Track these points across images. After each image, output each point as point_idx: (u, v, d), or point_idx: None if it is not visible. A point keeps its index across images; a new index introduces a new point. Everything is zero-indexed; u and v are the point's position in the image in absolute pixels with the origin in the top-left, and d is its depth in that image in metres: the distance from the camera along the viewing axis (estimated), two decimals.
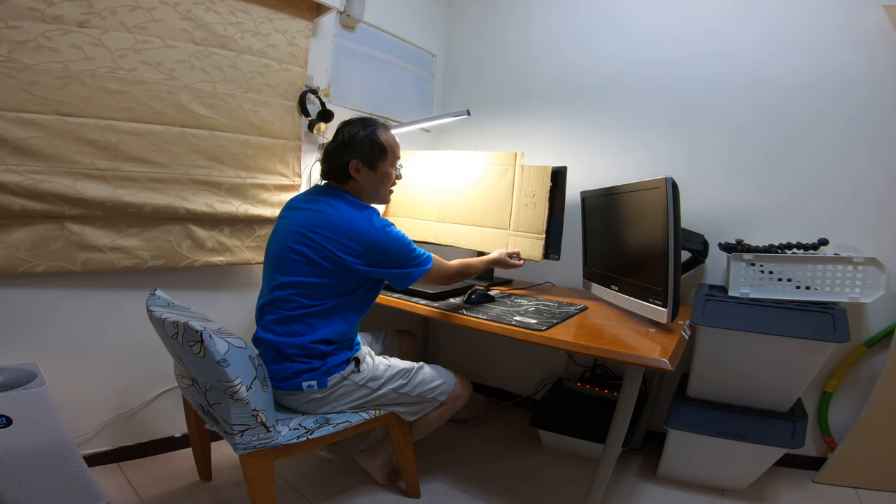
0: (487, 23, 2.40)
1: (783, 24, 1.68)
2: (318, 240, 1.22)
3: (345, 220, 1.24)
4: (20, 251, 1.33)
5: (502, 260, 1.64)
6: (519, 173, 1.82)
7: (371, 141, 1.31)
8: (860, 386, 1.63)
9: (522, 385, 2.26)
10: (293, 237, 1.25)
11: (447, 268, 1.43)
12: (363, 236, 1.22)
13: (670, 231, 1.23)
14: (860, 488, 1.58)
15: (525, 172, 1.80)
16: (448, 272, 1.43)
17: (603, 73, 2.04)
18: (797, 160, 1.68)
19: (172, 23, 1.49)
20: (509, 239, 1.83)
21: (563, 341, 1.26)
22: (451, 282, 1.48)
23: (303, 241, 1.23)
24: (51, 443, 1.21)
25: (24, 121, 1.29)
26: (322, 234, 1.22)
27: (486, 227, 1.89)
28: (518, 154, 1.83)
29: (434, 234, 2.03)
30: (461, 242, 1.96)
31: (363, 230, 1.23)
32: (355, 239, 1.22)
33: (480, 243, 1.90)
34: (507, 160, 1.85)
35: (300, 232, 1.24)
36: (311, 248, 1.22)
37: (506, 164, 1.85)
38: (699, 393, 1.60)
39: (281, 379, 1.23)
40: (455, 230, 1.97)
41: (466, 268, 1.49)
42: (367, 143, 1.30)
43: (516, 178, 1.82)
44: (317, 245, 1.22)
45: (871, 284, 1.43)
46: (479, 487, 1.59)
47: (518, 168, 1.82)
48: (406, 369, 1.38)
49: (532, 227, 1.77)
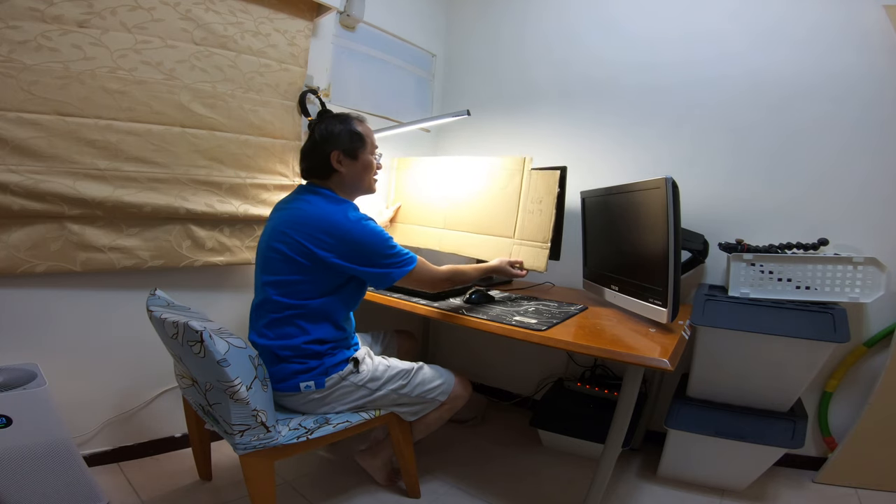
0: (487, 23, 2.40)
1: (783, 25, 1.68)
2: (294, 236, 1.22)
3: (318, 213, 1.24)
4: (20, 251, 1.33)
5: (502, 268, 1.57)
6: (526, 179, 1.77)
7: (349, 132, 1.32)
8: (860, 386, 1.64)
9: (522, 385, 2.26)
10: (274, 236, 1.26)
11: (433, 272, 1.36)
12: (335, 228, 1.21)
13: (670, 231, 1.23)
14: (860, 488, 1.58)
15: (532, 178, 1.75)
16: (434, 277, 1.37)
17: (603, 72, 2.04)
18: (797, 160, 1.68)
19: (172, 23, 1.49)
20: (513, 248, 1.78)
21: (563, 341, 1.26)
22: (437, 288, 1.41)
23: (282, 239, 1.23)
24: (51, 443, 1.21)
25: (24, 121, 1.29)
26: (297, 231, 1.22)
27: (491, 236, 1.85)
28: (526, 159, 1.78)
29: (438, 242, 2.01)
30: (464, 251, 1.93)
31: (335, 222, 1.22)
32: (327, 231, 1.21)
33: (483, 252, 1.85)
34: (515, 165, 1.81)
35: (280, 230, 1.25)
36: (288, 245, 1.22)
37: (513, 170, 1.81)
38: (699, 393, 1.60)
39: (278, 380, 1.23)
40: (459, 238, 1.94)
41: (456, 274, 1.43)
42: (346, 135, 1.31)
43: (523, 184, 1.78)
44: (293, 241, 1.22)
45: (871, 284, 1.43)
46: (479, 487, 1.59)
47: (526, 174, 1.78)
48: (406, 370, 1.38)
49: (537, 235, 1.71)
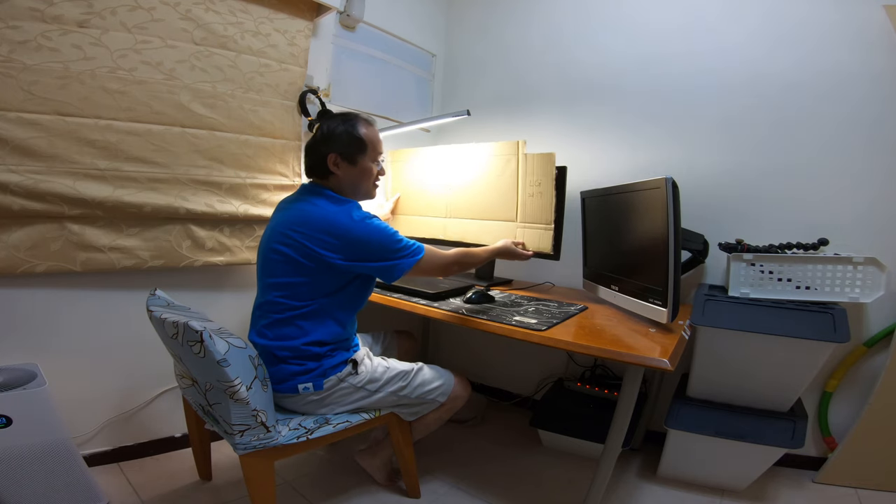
0: (488, 23, 2.39)
1: (784, 25, 1.68)
2: (297, 238, 1.20)
3: (321, 215, 1.22)
4: (20, 251, 1.33)
5: (508, 249, 1.52)
6: (522, 162, 1.79)
7: (350, 135, 1.28)
8: (860, 386, 1.63)
9: (522, 385, 2.26)
10: (276, 237, 1.24)
11: (442, 257, 1.34)
12: (339, 229, 1.19)
13: (670, 231, 1.23)
14: (860, 488, 1.58)
15: (529, 161, 1.78)
16: (443, 262, 1.35)
17: (603, 73, 2.04)
18: (798, 160, 1.68)
19: (172, 23, 1.49)
20: (517, 231, 1.82)
21: (563, 341, 1.25)
22: (448, 272, 1.38)
23: (284, 240, 1.22)
24: (51, 443, 1.21)
25: (24, 121, 1.29)
26: (300, 232, 1.20)
27: (494, 221, 1.88)
28: (520, 143, 1.80)
29: (442, 231, 2.03)
30: (469, 237, 1.95)
31: (339, 223, 1.20)
32: (331, 233, 1.19)
33: (489, 237, 1.88)
34: (510, 150, 1.83)
35: (282, 232, 1.23)
36: (291, 247, 1.21)
37: (508, 154, 1.83)
38: (699, 393, 1.60)
39: (277, 381, 1.23)
40: (463, 225, 1.97)
41: (465, 256, 1.40)
42: (346, 137, 1.27)
43: (520, 167, 1.80)
44: (296, 243, 1.20)
45: (871, 284, 1.43)
46: (479, 487, 1.59)
47: (521, 157, 1.80)
48: (405, 371, 1.37)
49: (540, 217, 1.74)
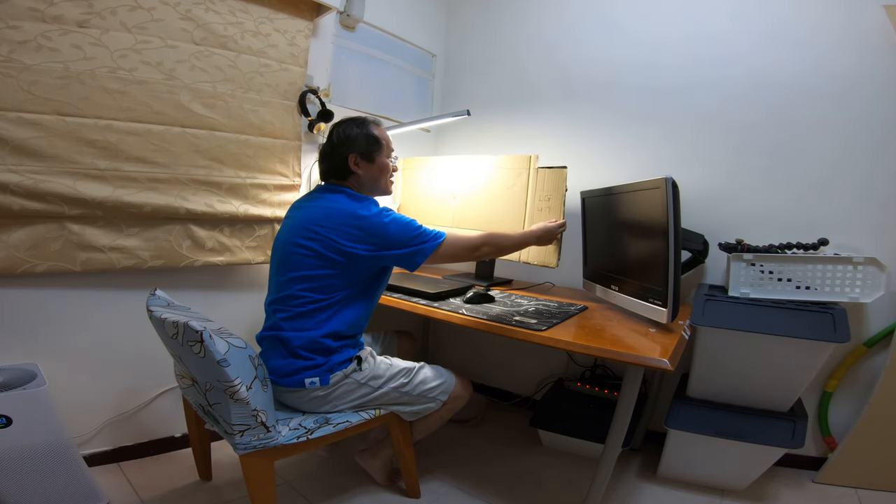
0: (487, 23, 2.39)
1: (783, 26, 1.68)
2: (323, 233, 1.24)
3: (344, 210, 1.28)
4: (20, 251, 1.32)
5: (549, 230, 1.51)
6: (533, 177, 1.79)
7: (366, 136, 1.37)
8: (860, 386, 1.63)
9: (522, 385, 2.26)
10: (298, 233, 1.28)
11: (467, 240, 1.36)
12: (362, 220, 1.25)
13: (670, 231, 1.23)
14: (860, 488, 1.58)
15: (540, 176, 1.78)
16: (469, 244, 1.36)
17: (603, 72, 2.04)
18: (797, 160, 1.68)
19: (172, 23, 1.49)
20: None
21: (563, 341, 1.26)
22: (477, 255, 1.39)
23: (309, 235, 1.26)
24: (51, 443, 1.21)
25: (24, 121, 1.29)
26: (326, 227, 1.25)
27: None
28: (532, 157, 1.81)
29: None
30: None
31: (361, 216, 1.26)
32: (356, 225, 1.25)
33: None
34: (521, 164, 1.83)
35: (305, 227, 1.27)
36: (318, 242, 1.24)
37: (520, 168, 1.83)
38: (699, 393, 1.60)
39: (283, 375, 1.24)
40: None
41: (495, 237, 1.39)
42: (363, 138, 1.36)
43: (530, 181, 1.80)
44: (322, 238, 1.24)
45: (871, 284, 1.43)
46: (479, 487, 1.59)
47: (532, 171, 1.80)
48: (407, 368, 1.39)
49: None
